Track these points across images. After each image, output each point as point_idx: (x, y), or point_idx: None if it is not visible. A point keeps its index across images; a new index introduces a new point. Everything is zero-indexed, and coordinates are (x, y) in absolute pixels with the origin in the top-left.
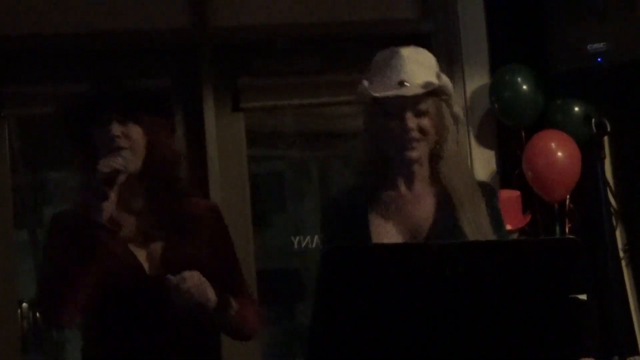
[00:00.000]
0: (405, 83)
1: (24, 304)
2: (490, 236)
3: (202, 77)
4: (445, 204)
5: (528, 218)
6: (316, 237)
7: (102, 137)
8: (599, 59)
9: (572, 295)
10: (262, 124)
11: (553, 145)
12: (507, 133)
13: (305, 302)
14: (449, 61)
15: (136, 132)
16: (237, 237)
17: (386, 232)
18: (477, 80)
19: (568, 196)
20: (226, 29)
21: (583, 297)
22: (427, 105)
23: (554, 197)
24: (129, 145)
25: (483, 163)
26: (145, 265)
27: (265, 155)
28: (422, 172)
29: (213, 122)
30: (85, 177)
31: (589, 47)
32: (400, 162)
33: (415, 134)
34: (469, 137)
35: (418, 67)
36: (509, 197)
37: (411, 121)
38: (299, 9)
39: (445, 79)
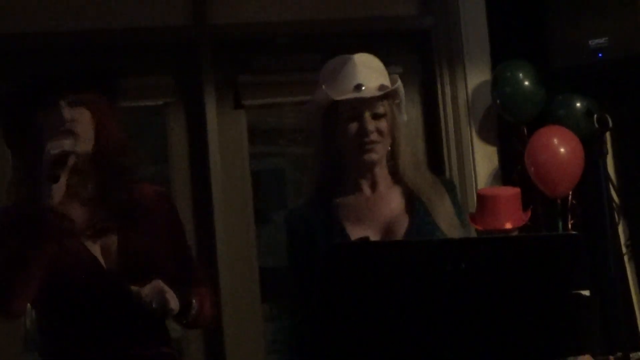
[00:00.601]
0: (362, 87)
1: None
2: (461, 230)
3: (203, 75)
4: (414, 202)
5: (529, 215)
6: None
7: (50, 121)
8: (599, 55)
9: (575, 291)
10: (263, 121)
11: (555, 141)
12: (509, 129)
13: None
14: (449, 58)
15: (85, 116)
16: (239, 234)
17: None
18: (478, 76)
19: (570, 192)
20: (226, 26)
21: (585, 292)
22: (383, 107)
23: (556, 193)
24: (79, 130)
25: (485, 159)
26: (101, 260)
27: (266, 152)
28: (383, 173)
29: (214, 119)
30: (28, 162)
31: (590, 42)
32: (360, 165)
33: (374, 136)
34: (470, 134)
35: (371, 71)
36: (509, 194)
37: (370, 124)
38: (299, 6)
39: (399, 83)
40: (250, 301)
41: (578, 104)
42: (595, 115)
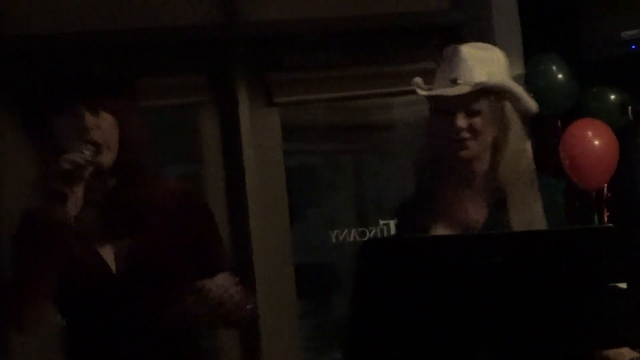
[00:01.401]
0: (458, 81)
1: None
2: None
3: (235, 73)
4: (498, 204)
5: None
6: (353, 230)
7: (69, 128)
8: (633, 46)
9: (612, 284)
10: (295, 118)
11: (590, 133)
12: (543, 122)
13: (343, 295)
14: None
15: (108, 123)
16: (273, 231)
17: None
18: (511, 70)
19: (605, 185)
20: (258, 23)
21: (622, 285)
22: (480, 104)
23: (591, 186)
24: (102, 139)
25: None
26: (112, 265)
27: (299, 149)
28: (481, 168)
29: (247, 117)
30: (43, 172)
31: (622, 34)
32: (455, 161)
33: (465, 134)
34: None
35: (477, 65)
36: None
37: (461, 121)
38: (330, 2)
39: (499, 78)
40: (285, 298)
41: (612, 97)
42: (629, 108)
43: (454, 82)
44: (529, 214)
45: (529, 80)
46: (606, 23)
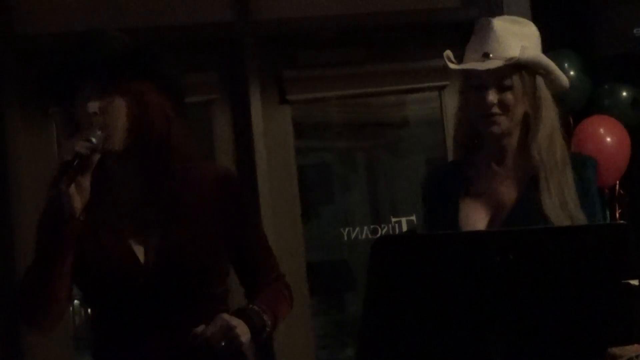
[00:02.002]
0: (490, 55)
1: (76, 301)
2: (576, 215)
3: (247, 70)
4: (531, 183)
5: None
6: (365, 228)
7: (76, 113)
8: None
9: (624, 281)
10: (308, 116)
11: (602, 130)
12: None
13: (355, 293)
14: None
15: (117, 106)
16: (286, 229)
17: (474, 212)
18: None
19: (618, 182)
20: (270, 21)
21: (635, 282)
22: (512, 80)
23: (603, 183)
24: (107, 123)
25: None
26: (140, 257)
27: (312, 146)
28: (512, 144)
29: (260, 114)
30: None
31: (635, 30)
32: (486, 136)
33: (495, 109)
34: None
35: (510, 38)
36: None
37: (492, 96)
38: (343, 0)
39: (532, 53)
40: (298, 296)
41: (624, 93)
42: None
43: (486, 56)
44: (562, 195)
45: None
46: (619, 19)
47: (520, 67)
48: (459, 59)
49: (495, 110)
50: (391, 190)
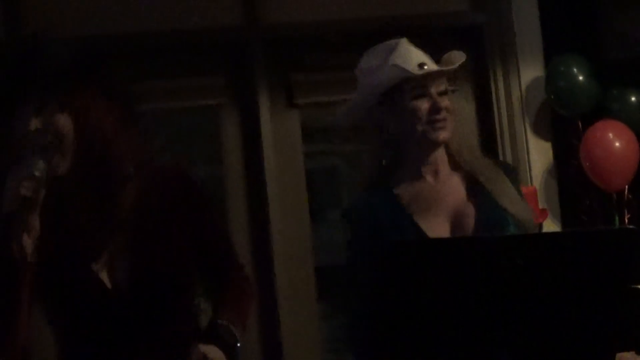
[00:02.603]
0: (425, 66)
1: None
2: (528, 210)
3: (255, 74)
4: (477, 189)
5: (545, 215)
6: None
7: (20, 133)
8: None
9: (632, 286)
10: (316, 119)
11: (610, 135)
12: (564, 124)
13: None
14: (502, 53)
15: (62, 122)
16: (294, 233)
17: (437, 225)
18: (532, 71)
19: (626, 186)
20: (278, 25)
21: None
22: (445, 85)
23: (611, 187)
24: (52, 143)
25: (539, 154)
26: (107, 281)
27: (320, 150)
28: (443, 158)
29: (268, 118)
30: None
31: None
32: (428, 147)
33: (444, 113)
34: (524, 129)
35: (421, 51)
36: (526, 192)
37: (441, 100)
38: (351, 3)
39: (463, 58)
40: (306, 300)
41: (633, 98)
42: None
43: (421, 66)
44: (509, 190)
45: (549, 81)
46: (627, 24)
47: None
48: (459, 65)
49: (444, 114)
50: None
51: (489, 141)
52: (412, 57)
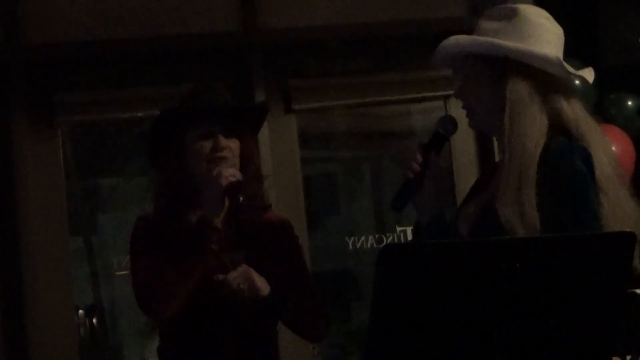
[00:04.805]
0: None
1: (80, 311)
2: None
3: (253, 80)
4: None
5: None
6: (370, 237)
7: (201, 147)
8: None
9: (630, 290)
10: (313, 125)
11: None
12: None
13: (361, 302)
14: None
15: (235, 145)
16: None
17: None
18: None
19: None
20: (276, 30)
21: None
22: None
23: None
24: (230, 158)
25: None
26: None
27: (317, 156)
28: None
29: (265, 124)
30: (173, 179)
31: None
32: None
33: None
34: None
35: None
36: None
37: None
38: (349, 10)
39: None
40: None
41: (629, 103)
42: None
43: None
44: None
45: None
46: (625, 29)
47: None
48: None
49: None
50: None
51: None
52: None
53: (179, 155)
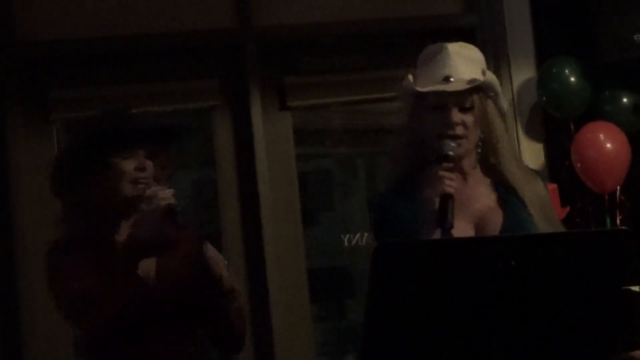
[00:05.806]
0: (451, 79)
1: None
2: (558, 221)
3: (248, 77)
4: (507, 195)
5: (566, 211)
6: (365, 234)
7: (124, 168)
8: None
9: (625, 287)
10: (308, 122)
11: (602, 136)
12: (556, 125)
13: (356, 299)
14: (494, 55)
15: (151, 167)
16: (286, 235)
17: (460, 229)
18: (524, 73)
19: (618, 187)
20: (271, 28)
21: (635, 288)
22: (472, 101)
23: (604, 189)
24: (151, 178)
25: (532, 156)
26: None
27: (312, 153)
28: (470, 164)
29: (260, 121)
30: (89, 202)
31: (635, 37)
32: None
33: (459, 129)
34: (517, 131)
35: (465, 62)
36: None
37: (455, 116)
38: (344, 6)
39: (490, 76)
40: (298, 302)
41: (625, 100)
42: None
43: (447, 79)
44: (542, 201)
45: (542, 83)
46: (620, 26)
47: (478, 90)
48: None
49: (459, 130)
50: None
51: None
52: (441, 69)
53: (101, 176)
